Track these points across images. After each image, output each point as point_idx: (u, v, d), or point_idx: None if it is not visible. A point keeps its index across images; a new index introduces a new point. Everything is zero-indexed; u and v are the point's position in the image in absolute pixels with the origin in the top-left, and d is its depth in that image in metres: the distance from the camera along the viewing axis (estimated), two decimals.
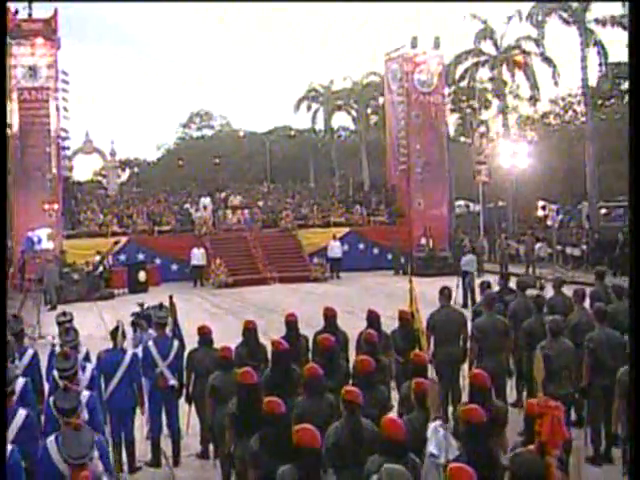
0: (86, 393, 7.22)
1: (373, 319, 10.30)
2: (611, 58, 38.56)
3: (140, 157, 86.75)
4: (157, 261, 31.20)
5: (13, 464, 5.38)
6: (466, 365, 10.59)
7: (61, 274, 26.58)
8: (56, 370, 7.66)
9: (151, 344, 9.86)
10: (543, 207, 33.72)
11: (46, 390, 8.52)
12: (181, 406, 10.07)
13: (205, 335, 9.77)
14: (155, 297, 26.16)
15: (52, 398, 6.42)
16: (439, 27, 72.46)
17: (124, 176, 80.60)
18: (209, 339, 9.74)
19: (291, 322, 10.13)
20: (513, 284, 13.33)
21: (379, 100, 50.23)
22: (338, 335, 10.11)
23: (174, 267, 31.40)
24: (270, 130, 77.39)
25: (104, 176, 67.69)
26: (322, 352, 8.81)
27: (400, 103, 36.51)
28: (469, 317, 11.46)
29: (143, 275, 28.32)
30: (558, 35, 38.97)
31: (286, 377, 8.20)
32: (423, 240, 33.20)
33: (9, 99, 29.46)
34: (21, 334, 9.73)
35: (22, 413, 6.37)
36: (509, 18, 39.04)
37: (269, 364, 8.81)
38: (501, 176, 39.06)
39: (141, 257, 30.51)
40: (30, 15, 30.77)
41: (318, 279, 30.30)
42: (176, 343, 9.93)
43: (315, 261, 31.47)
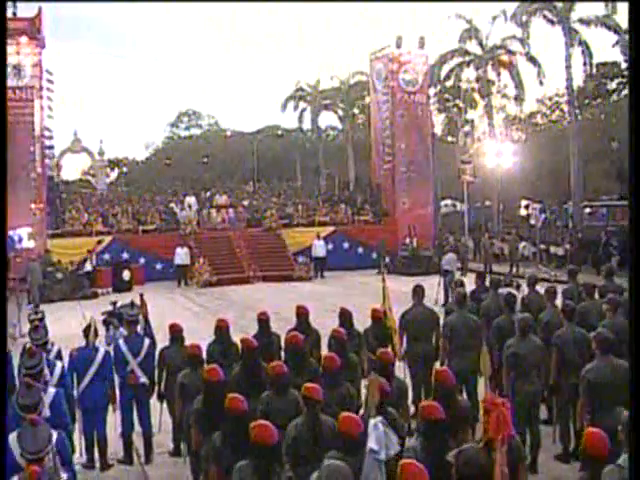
0: (52, 390, 7.27)
1: (345, 317, 10.39)
2: (596, 58, 38.83)
3: (129, 156, 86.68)
4: (141, 260, 31.10)
5: None
6: (439, 363, 10.66)
7: (44, 273, 26.55)
8: (23, 368, 7.70)
9: (122, 342, 9.93)
10: (526, 206, 33.88)
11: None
12: (153, 404, 10.13)
13: (176, 333, 9.82)
14: (138, 296, 26.39)
15: (14, 395, 6.47)
16: (424, 27, 72.54)
17: (113, 175, 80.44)
18: (180, 337, 9.79)
19: (262, 320, 10.19)
20: None
21: (366, 99, 50.34)
22: (310, 333, 10.20)
23: (158, 266, 31.32)
24: (259, 130, 77.38)
25: (93, 175, 67.42)
26: (291, 350, 8.88)
27: (385, 103, 36.58)
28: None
29: (127, 274, 28.29)
30: (543, 35, 39.20)
31: (255, 375, 8.24)
32: (407, 239, 33.27)
33: None
34: None
35: None
36: (494, 18, 39.21)
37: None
38: (487, 176, 39.20)
39: (125, 256, 30.40)
40: (15, 14, 30.69)
41: (302, 278, 30.32)
42: (147, 341, 9.99)
43: (299, 260, 31.51)
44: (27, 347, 8.12)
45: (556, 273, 28.24)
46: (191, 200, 34.86)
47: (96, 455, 9.73)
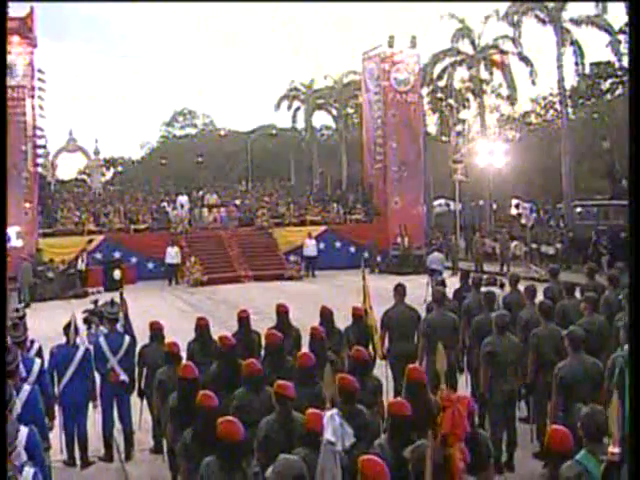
0: (27, 387, 7.30)
1: (326, 315, 10.45)
2: (589, 58, 38.90)
3: (124, 156, 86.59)
4: (133, 259, 31.19)
5: None
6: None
7: (35, 272, 26.59)
8: None
9: (102, 340, 9.98)
10: (517, 205, 33.96)
11: None
12: (133, 401, 10.19)
13: (156, 331, 9.90)
14: (129, 296, 26.38)
15: None
16: (415, 27, 72.70)
17: (108, 175, 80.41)
18: (160, 335, 9.87)
19: (243, 318, 10.28)
20: None
21: (359, 99, 50.30)
22: (290, 331, 10.27)
23: (150, 265, 31.39)
24: (254, 129, 77.30)
25: (88, 175, 67.39)
26: (268, 348, 8.95)
27: (377, 102, 36.63)
28: None
29: (118, 273, 28.27)
30: (536, 35, 39.24)
31: (232, 372, 8.30)
32: (399, 239, 33.33)
33: None
34: None
35: None
36: (486, 18, 39.24)
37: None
38: (481, 175, 39.29)
39: (117, 255, 30.46)
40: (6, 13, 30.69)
41: (293, 277, 30.40)
42: (127, 339, 10.05)
43: (291, 259, 31.57)
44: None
45: (546, 272, 28.28)
46: (183, 199, 34.94)
47: (77, 452, 9.78)
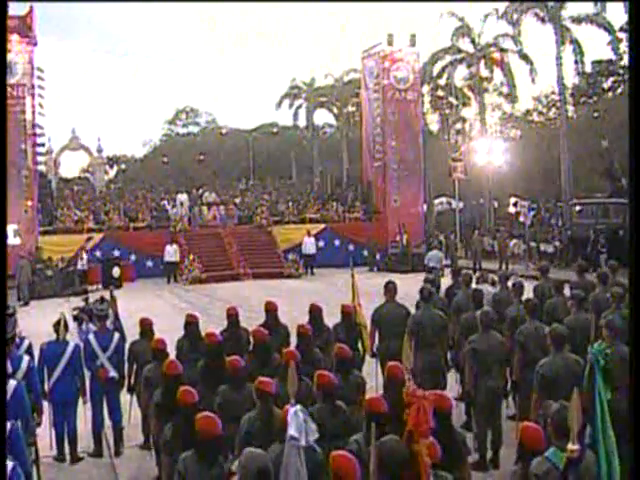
0: (12, 383, 7.38)
1: (314, 313, 10.52)
2: (590, 56, 38.93)
3: (127, 154, 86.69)
4: (132, 257, 31.31)
5: None
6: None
7: (34, 270, 26.68)
8: None
9: (92, 337, 10.08)
10: (515, 204, 33.98)
11: None
12: (123, 397, 10.28)
13: (146, 327, 9.97)
14: (128, 293, 26.52)
15: None
16: (416, 25, 72.67)
17: (111, 173, 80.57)
18: (150, 331, 9.93)
19: (231, 315, 10.33)
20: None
21: (360, 97, 50.36)
22: (279, 329, 10.34)
23: (149, 263, 31.52)
24: (256, 127, 77.31)
25: (91, 173, 67.57)
26: (255, 345, 9.04)
27: (376, 100, 36.69)
28: None
29: (117, 271, 28.44)
30: (536, 33, 39.28)
31: (218, 369, 8.37)
32: (398, 237, 33.41)
33: None
34: None
35: None
36: (486, 16, 39.26)
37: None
38: (482, 173, 39.33)
39: (116, 253, 30.60)
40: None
41: (292, 275, 30.51)
42: (117, 335, 10.15)
43: (289, 257, 31.65)
44: None
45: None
46: (183, 198, 35.06)
47: (67, 448, 9.87)
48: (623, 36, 36.65)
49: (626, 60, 36.52)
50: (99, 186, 53.58)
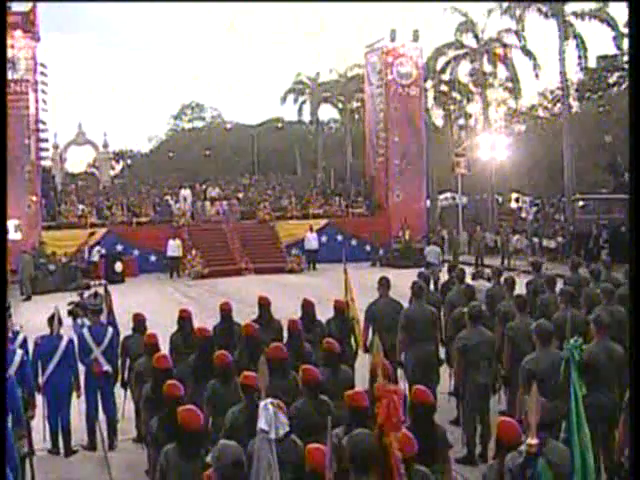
0: None
1: (307, 308, 10.60)
2: (596, 52, 38.81)
3: (133, 149, 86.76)
4: (135, 252, 31.37)
5: None
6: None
7: (37, 265, 26.80)
8: None
9: (85, 331, 10.19)
10: (517, 199, 34.01)
11: None
12: (117, 391, 10.38)
13: (139, 322, 10.07)
14: (130, 288, 26.62)
15: None
16: (418, 21, 72.50)
17: (118, 168, 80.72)
18: (143, 326, 10.03)
19: (225, 310, 10.44)
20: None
21: (364, 92, 50.39)
22: (271, 323, 10.42)
23: (152, 258, 31.56)
24: (261, 122, 77.36)
25: (97, 168, 67.80)
26: (245, 339, 9.11)
27: (379, 95, 36.64)
28: None
29: (119, 266, 28.53)
30: (540, 28, 39.20)
31: (209, 363, 8.45)
32: (400, 232, 33.43)
33: None
34: None
35: None
36: (490, 11, 39.17)
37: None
38: (486, 168, 39.33)
39: (120, 248, 30.67)
40: (9, 8, 30.86)
41: (294, 270, 30.54)
42: (110, 330, 10.25)
43: (292, 252, 31.71)
44: None
45: (547, 266, 28.35)
46: (186, 193, 35.14)
47: (61, 441, 9.98)
48: (627, 31, 36.56)
49: None
50: (105, 181, 53.76)
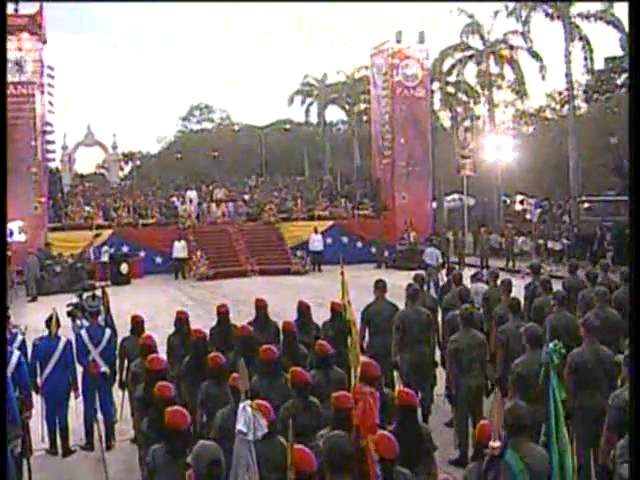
0: None
1: (302, 310, 10.69)
2: (598, 53, 38.78)
3: (142, 150, 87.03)
4: (141, 254, 31.47)
5: None
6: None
7: (43, 266, 26.94)
8: None
9: (84, 332, 10.30)
10: (521, 201, 33.99)
11: None
12: (115, 392, 10.48)
13: (137, 323, 10.15)
14: (136, 289, 26.76)
15: None
16: (424, 22, 72.61)
17: (127, 169, 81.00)
18: (141, 327, 10.10)
19: (221, 313, 10.52)
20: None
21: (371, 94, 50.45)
22: (268, 326, 10.50)
23: (158, 260, 31.64)
24: (269, 124, 77.46)
25: (106, 169, 68.07)
26: (241, 341, 9.18)
27: (385, 97, 36.69)
28: None
29: (125, 267, 28.65)
30: (546, 30, 39.22)
31: (204, 365, 8.54)
32: (405, 234, 33.47)
33: None
34: None
35: None
36: (496, 13, 39.24)
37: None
38: (493, 170, 39.32)
39: (125, 250, 30.77)
40: (16, 10, 31.07)
41: (299, 272, 30.61)
42: (108, 331, 10.36)
43: (297, 254, 31.78)
44: None
45: (552, 268, 28.40)
46: (192, 194, 35.25)
47: (59, 441, 10.09)
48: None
49: None
50: (114, 182, 53.93)
